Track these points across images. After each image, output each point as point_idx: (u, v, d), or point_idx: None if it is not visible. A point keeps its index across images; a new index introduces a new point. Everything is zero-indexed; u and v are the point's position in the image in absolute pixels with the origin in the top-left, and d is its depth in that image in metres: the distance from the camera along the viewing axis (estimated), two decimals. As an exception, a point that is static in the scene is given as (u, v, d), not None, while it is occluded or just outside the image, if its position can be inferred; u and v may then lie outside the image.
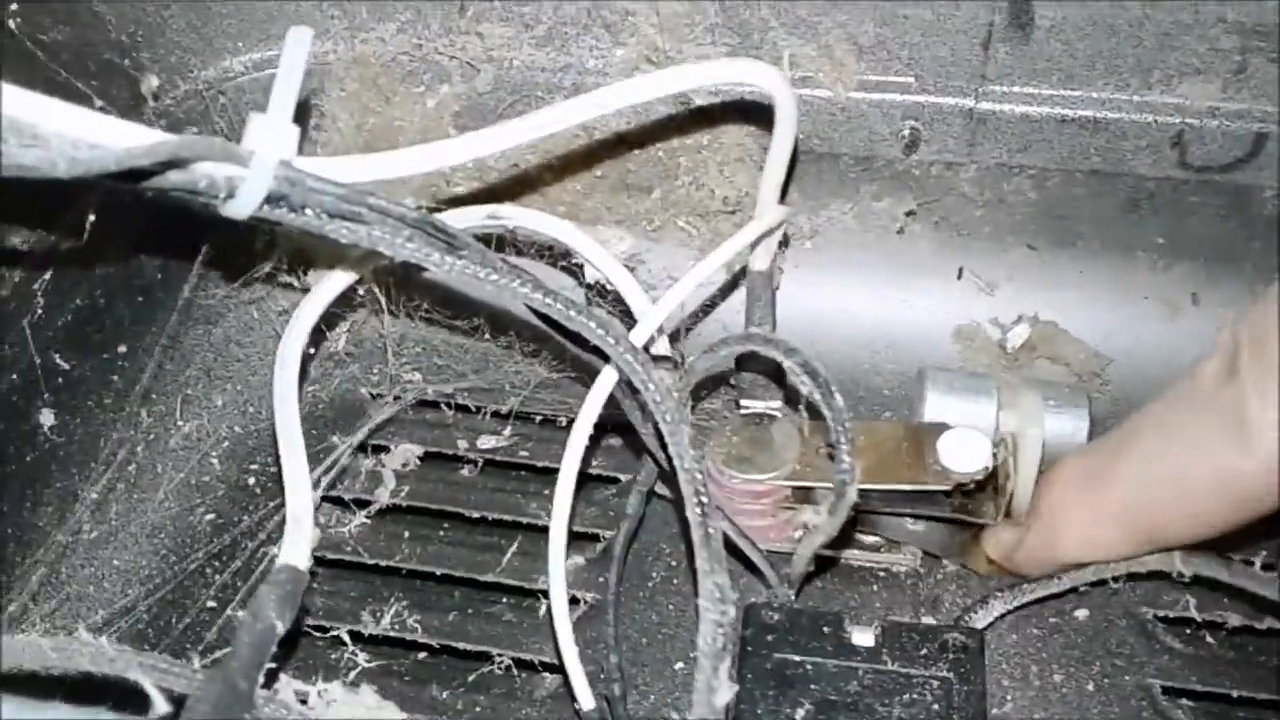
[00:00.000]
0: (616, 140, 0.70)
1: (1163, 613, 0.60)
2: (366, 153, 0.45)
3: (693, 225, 0.72)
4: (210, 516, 0.68)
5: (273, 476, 0.70)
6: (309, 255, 0.71)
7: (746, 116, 0.68)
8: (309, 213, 0.42)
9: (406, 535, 0.66)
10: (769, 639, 0.53)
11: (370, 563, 0.64)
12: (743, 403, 0.63)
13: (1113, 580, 0.56)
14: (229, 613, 0.63)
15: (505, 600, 0.63)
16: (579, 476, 0.54)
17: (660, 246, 0.73)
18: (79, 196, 0.62)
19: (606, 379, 0.54)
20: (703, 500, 0.45)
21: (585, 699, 0.53)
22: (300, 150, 0.43)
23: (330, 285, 0.56)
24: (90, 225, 0.61)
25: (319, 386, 0.75)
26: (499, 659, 0.60)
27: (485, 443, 0.70)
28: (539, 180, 0.71)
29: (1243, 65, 0.63)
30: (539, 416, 0.71)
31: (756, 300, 0.62)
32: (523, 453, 0.70)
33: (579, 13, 0.69)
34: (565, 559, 0.54)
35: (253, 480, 0.71)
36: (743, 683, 0.51)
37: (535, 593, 0.62)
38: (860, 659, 0.52)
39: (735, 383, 0.64)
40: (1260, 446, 0.46)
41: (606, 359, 0.52)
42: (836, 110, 0.69)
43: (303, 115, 0.69)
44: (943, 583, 0.62)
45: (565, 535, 0.54)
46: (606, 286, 0.60)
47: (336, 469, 0.68)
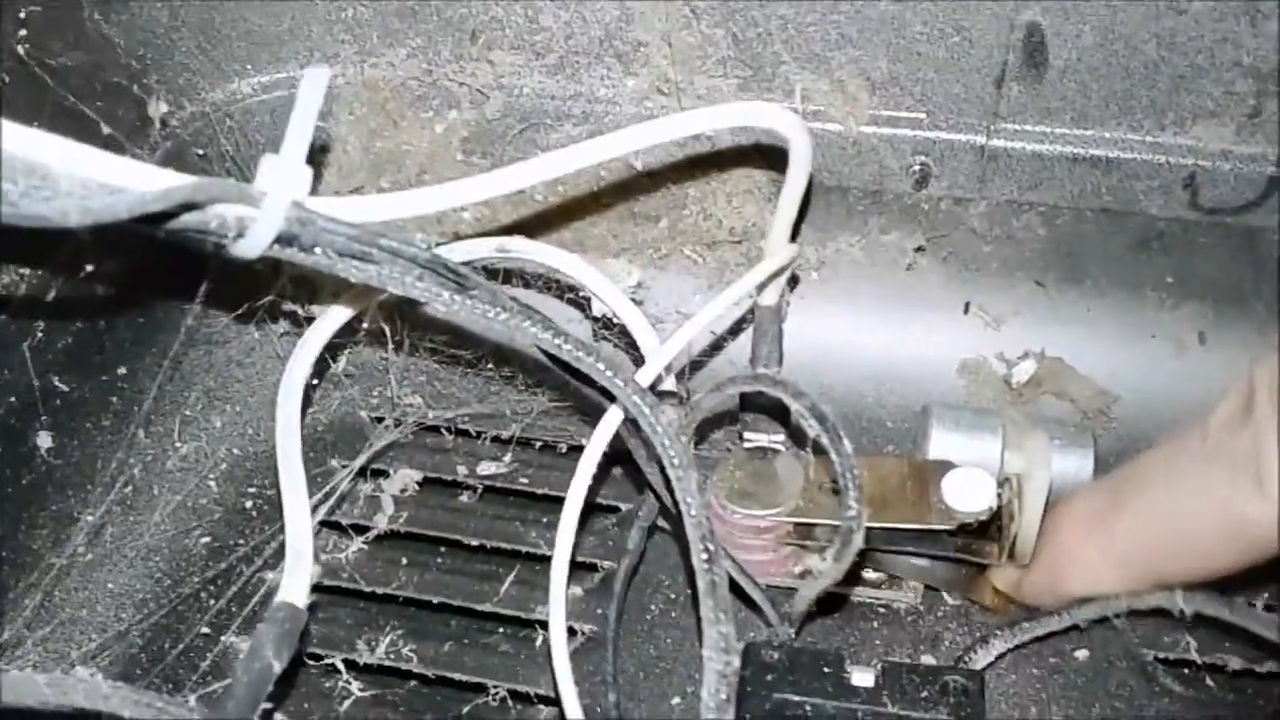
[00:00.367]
0: (624, 169, 0.69)
1: (1163, 654, 0.59)
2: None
3: (699, 254, 0.72)
4: (206, 540, 0.68)
5: (270, 500, 0.70)
6: (313, 284, 0.71)
7: (756, 149, 0.68)
8: (319, 252, 0.42)
9: (404, 562, 0.66)
10: (768, 679, 0.52)
11: (367, 590, 0.64)
12: (746, 436, 0.63)
13: (1114, 617, 0.56)
14: (224, 639, 0.62)
15: (502, 630, 0.63)
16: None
17: (666, 275, 0.72)
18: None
19: (613, 416, 0.53)
20: (709, 547, 0.44)
21: (581, 733, 0.52)
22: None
23: (334, 318, 0.56)
24: (91, 246, 0.61)
25: (318, 409, 0.74)
26: (494, 690, 0.59)
27: (485, 469, 0.70)
28: (546, 207, 0.71)
29: (1257, 109, 0.63)
30: (540, 443, 0.70)
31: (763, 336, 0.62)
32: (523, 479, 0.69)
33: (591, 42, 0.68)
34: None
35: (250, 504, 0.70)
36: (742, 724, 0.50)
37: (533, 623, 0.62)
38: (860, 700, 0.51)
39: (739, 416, 0.64)
40: (1275, 490, 0.45)
41: (614, 398, 0.52)
42: (847, 144, 0.68)
43: (317, 155, 0.69)
44: (944, 620, 0.61)
45: (567, 571, 0.53)
46: (613, 319, 0.59)
47: (335, 496, 0.67)
